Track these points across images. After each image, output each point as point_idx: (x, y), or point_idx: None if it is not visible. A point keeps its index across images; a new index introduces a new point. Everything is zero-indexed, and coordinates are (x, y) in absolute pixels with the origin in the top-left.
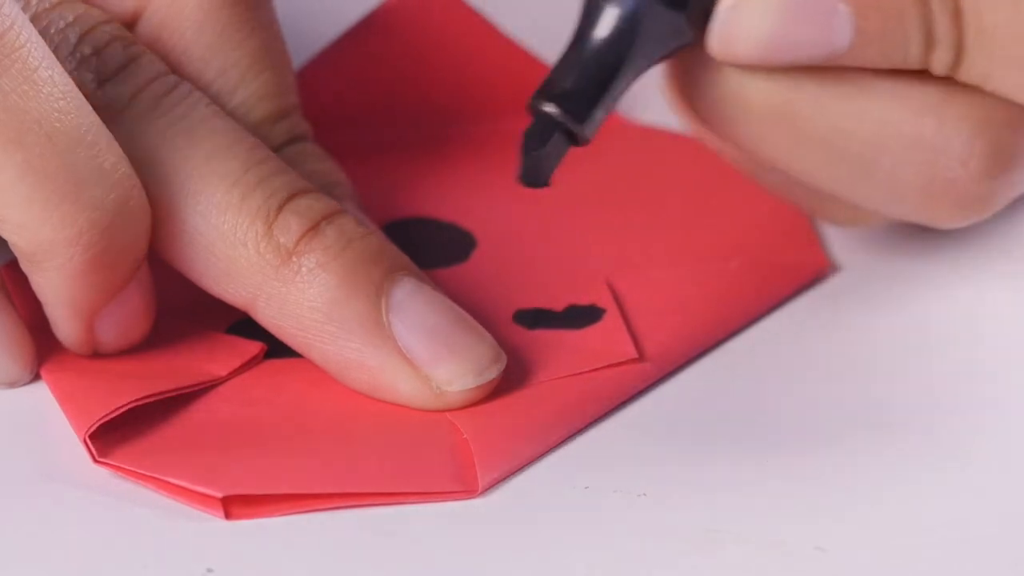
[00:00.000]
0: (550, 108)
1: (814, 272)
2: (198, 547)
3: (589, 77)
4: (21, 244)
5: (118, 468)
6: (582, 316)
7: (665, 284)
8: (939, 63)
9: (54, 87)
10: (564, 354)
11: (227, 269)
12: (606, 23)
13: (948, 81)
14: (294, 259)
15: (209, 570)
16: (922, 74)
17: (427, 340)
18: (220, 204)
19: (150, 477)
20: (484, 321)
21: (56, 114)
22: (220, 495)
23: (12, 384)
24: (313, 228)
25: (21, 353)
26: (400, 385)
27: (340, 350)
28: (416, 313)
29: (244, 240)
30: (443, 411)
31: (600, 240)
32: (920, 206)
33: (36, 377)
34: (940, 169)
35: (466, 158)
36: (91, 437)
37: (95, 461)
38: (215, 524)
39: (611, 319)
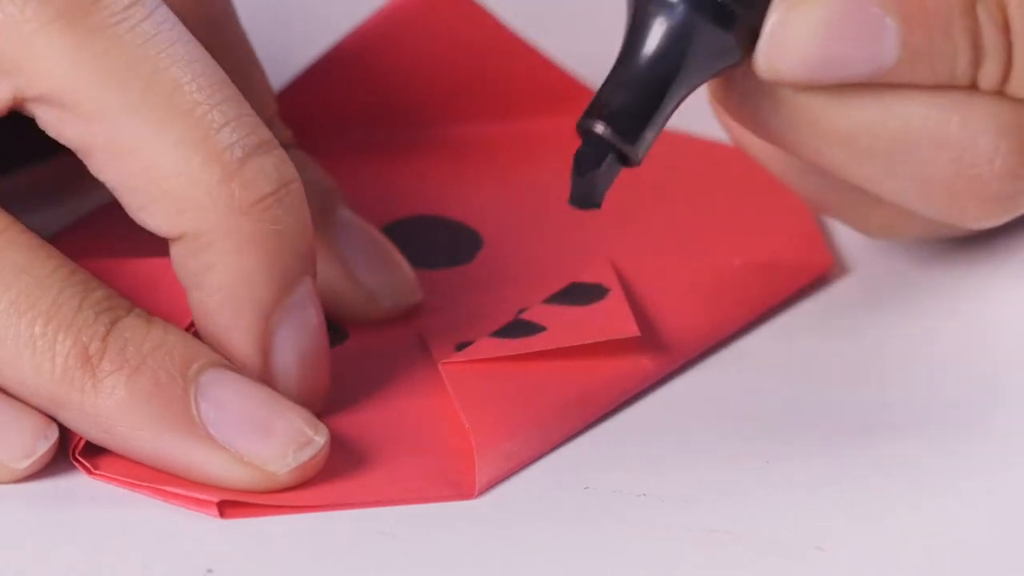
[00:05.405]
0: (601, 129)
1: (819, 271)
2: (198, 547)
3: (639, 97)
4: (190, 227)
5: (114, 480)
6: (586, 293)
7: (669, 283)
8: (987, 78)
9: None
10: (566, 326)
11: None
12: (654, 42)
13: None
14: (98, 371)
15: (209, 571)
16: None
17: (239, 424)
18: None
19: (146, 487)
20: (487, 321)
21: None
22: (216, 500)
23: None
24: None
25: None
26: (222, 475)
27: (154, 449)
28: (225, 399)
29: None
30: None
31: (608, 243)
32: (946, 203)
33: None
34: (965, 167)
35: (475, 157)
36: (85, 453)
37: (90, 475)
38: (215, 524)
39: (614, 297)
